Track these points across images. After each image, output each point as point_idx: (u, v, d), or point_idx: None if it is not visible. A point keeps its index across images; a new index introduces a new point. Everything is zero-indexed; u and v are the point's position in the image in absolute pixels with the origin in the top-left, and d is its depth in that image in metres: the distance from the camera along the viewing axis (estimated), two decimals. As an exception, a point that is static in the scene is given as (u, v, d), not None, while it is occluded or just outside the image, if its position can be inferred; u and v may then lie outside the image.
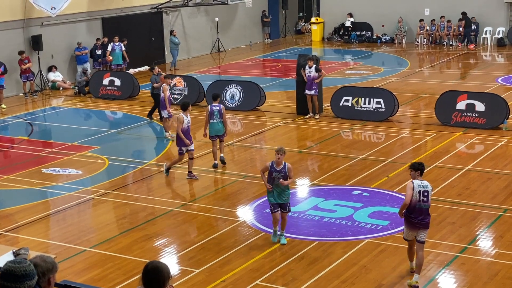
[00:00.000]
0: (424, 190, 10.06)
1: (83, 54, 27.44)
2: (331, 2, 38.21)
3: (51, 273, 4.98)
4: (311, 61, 20.12)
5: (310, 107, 20.48)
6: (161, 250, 12.00)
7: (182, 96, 23.05)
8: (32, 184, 15.57)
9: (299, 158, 17.06)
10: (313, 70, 20.07)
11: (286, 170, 11.55)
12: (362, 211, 13.30)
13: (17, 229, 13.06)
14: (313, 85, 20.12)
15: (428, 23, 35.03)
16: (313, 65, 20.09)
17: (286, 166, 11.58)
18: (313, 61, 20.16)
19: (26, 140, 19.55)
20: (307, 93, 20.26)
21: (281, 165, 11.57)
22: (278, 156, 11.53)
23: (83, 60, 27.42)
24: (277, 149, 11.66)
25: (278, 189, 11.63)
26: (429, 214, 10.28)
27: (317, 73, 20.09)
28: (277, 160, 11.57)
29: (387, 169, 15.78)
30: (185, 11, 33.14)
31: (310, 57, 20.60)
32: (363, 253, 11.45)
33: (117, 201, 14.42)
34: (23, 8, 25.80)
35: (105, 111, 23.24)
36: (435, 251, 11.42)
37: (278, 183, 11.55)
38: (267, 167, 11.73)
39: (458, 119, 19.16)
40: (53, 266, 5.01)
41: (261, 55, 34.71)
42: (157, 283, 5.42)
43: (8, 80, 25.39)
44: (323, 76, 20.43)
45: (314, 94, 20.27)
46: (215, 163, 16.38)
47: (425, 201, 10.09)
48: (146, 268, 5.50)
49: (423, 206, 10.09)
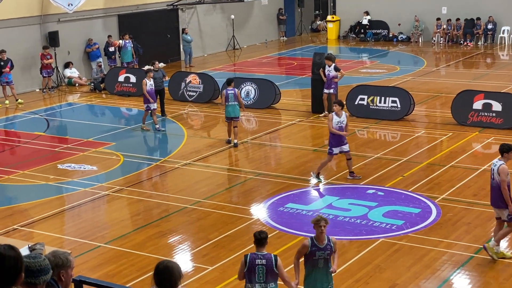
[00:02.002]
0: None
1: (93, 49, 27.56)
2: (347, 1, 38.08)
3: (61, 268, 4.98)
4: (329, 61, 20.08)
5: (326, 105, 20.44)
6: (175, 247, 12.02)
7: (197, 93, 23.08)
8: (48, 180, 15.64)
9: (314, 156, 17.02)
10: (332, 69, 20.02)
11: (332, 246, 8.64)
12: (376, 210, 13.24)
13: (32, 224, 13.13)
14: (332, 83, 20.08)
15: (445, 22, 34.84)
16: (332, 64, 20.05)
17: (330, 240, 8.63)
18: (332, 60, 20.13)
19: (42, 136, 19.65)
20: (326, 91, 20.23)
21: (325, 241, 8.63)
22: (322, 229, 8.51)
23: (95, 56, 27.55)
24: (318, 219, 8.57)
25: (322, 275, 8.64)
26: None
27: (336, 72, 20.04)
28: (319, 235, 8.58)
29: (402, 168, 15.71)
30: (201, 8, 33.17)
31: (328, 56, 20.55)
32: (377, 253, 11.41)
33: (132, 197, 14.47)
34: (40, 4, 25.93)
35: (120, 107, 23.31)
36: (450, 251, 11.35)
37: (322, 266, 8.58)
38: (306, 246, 8.59)
39: (474, 119, 19.03)
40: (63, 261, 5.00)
41: (276, 53, 34.66)
42: (169, 283, 5.42)
43: (27, 75, 25.55)
44: (342, 75, 20.36)
45: (333, 92, 20.23)
46: (229, 139, 17.93)
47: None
48: (158, 268, 5.51)
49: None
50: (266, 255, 8.20)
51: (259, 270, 8.12)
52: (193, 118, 21.77)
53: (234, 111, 17.55)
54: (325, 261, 8.55)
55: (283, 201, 13.89)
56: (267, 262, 8.13)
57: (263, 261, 8.13)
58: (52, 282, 4.84)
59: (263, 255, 8.19)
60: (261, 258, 8.15)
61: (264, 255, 8.19)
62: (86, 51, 27.76)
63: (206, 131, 19.98)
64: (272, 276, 8.19)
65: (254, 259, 8.16)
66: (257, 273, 8.13)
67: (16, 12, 25.14)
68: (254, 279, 8.15)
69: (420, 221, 12.66)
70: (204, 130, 20.22)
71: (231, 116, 17.62)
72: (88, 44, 27.69)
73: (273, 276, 8.20)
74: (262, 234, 8.27)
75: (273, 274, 8.18)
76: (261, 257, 8.16)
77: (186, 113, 22.06)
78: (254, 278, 8.16)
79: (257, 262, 8.13)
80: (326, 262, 8.57)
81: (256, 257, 8.18)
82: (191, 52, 30.83)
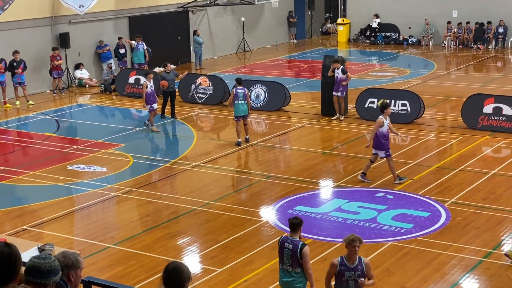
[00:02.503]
0: None
1: (104, 51, 27.66)
2: (357, 3, 38.04)
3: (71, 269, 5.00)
4: (337, 63, 20.09)
5: (337, 108, 20.45)
6: (184, 248, 12.03)
7: (207, 95, 23.10)
8: (58, 181, 15.70)
9: (323, 159, 17.00)
10: (340, 72, 20.03)
11: (364, 267, 8.26)
12: (385, 213, 13.22)
13: (41, 225, 13.18)
14: (340, 87, 20.08)
15: (456, 26, 34.74)
16: (340, 67, 20.06)
17: (362, 261, 8.28)
18: (339, 63, 20.13)
19: (52, 137, 19.72)
20: (334, 94, 20.26)
21: (356, 261, 8.25)
22: (356, 250, 8.16)
23: (106, 57, 27.65)
24: (352, 239, 8.18)
25: None
26: None
27: (344, 75, 20.03)
28: (351, 255, 8.22)
29: (412, 171, 15.67)
30: (211, 10, 33.21)
31: (336, 59, 20.54)
32: (386, 256, 11.39)
33: (141, 199, 14.50)
34: (51, 5, 26.04)
35: (130, 109, 23.37)
36: (459, 256, 11.31)
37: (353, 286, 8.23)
38: (335, 265, 8.27)
39: (484, 123, 18.97)
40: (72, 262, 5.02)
41: (286, 55, 34.66)
42: (177, 284, 5.43)
43: (37, 76, 25.66)
44: (349, 78, 20.35)
45: (341, 96, 20.24)
46: (238, 141, 17.88)
47: None
48: (167, 268, 5.52)
49: None
50: (295, 241, 8.57)
51: (285, 253, 8.57)
52: (202, 120, 21.80)
53: (244, 110, 17.69)
54: (356, 283, 8.19)
55: (292, 203, 13.89)
56: (293, 247, 8.49)
57: (289, 246, 8.53)
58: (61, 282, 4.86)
59: (292, 240, 8.59)
60: (290, 243, 8.56)
61: (293, 241, 8.57)
62: (97, 53, 27.86)
63: (215, 133, 20.00)
64: (297, 262, 8.52)
65: (283, 242, 8.64)
66: (284, 256, 8.61)
67: (27, 14, 25.26)
68: (283, 260, 8.67)
69: (430, 225, 12.62)
70: (214, 132, 20.24)
71: (241, 115, 17.74)
72: (99, 46, 27.80)
73: (298, 262, 8.52)
74: (295, 220, 8.68)
75: (297, 260, 8.52)
76: (290, 241, 8.58)
77: (195, 115, 22.09)
78: (282, 259, 8.67)
79: (285, 245, 8.58)
80: (357, 284, 8.21)
81: (286, 240, 8.64)
82: (201, 54, 30.89)
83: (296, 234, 8.63)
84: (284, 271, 8.69)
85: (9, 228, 12.96)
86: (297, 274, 8.57)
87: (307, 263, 8.51)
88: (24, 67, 23.86)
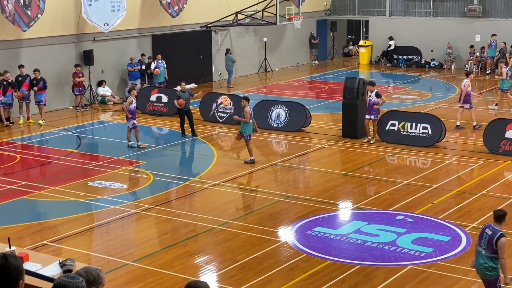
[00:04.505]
0: None
1: (135, 70, 27.83)
2: (380, 26, 38.10)
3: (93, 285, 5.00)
4: (371, 86, 20.09)
5: (369, 131, 20.39)
6: (202, 267, 12.03)
7: (228, 114, 23.18)
8: (78, 196, 15.79)
9: (343, 181, 16.96)
10: (373, 95, 19.99)
11: None
12: (405, 236, 13.13)
13: (61, 240, 13.24)
14: (372, 110, 20.03)
15: (478, 50, 34.63)
16: (374, 90, 20.04)
17: None
18: (373, 86, 20.13)
19: (74, 153, 19.87)
20: (367, 117, 20.20)
21: None
22: None
23: (135, 76, 27.83)
24: None
25: None
26: None
27: (378, 98, 19.97)
28: None
29: (432, 195, 15.58)
30: (234, 30, 33.42)
31: (370, 82, 20.55)
32: (405, 280, 11.30)
33: (160, 216, 14.53)
34: (76, 23, 26.35)
35: (152, 127, 23.50)
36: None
37: None
38: None
39: (507, 148, 18.83)
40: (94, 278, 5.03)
41: (307, 76, 34.73)
42: None
43: (60, 93, 25.91)
44: (384, 102, 20.23)
45: (374, 119, 20.16)
46: (252, 159, 18.21)
47: None
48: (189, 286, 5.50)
49: None
50: (495, 229, 9.52)
51: (484, 237, 9.56)
52: (223, 139, 21.86)
53: (254, 129, 18.45)
54: None
55: (311, 224, 13.85)
56: (492, 235, 9.45)
57: (489, 232, 9.52)
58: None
59: (494, 228, 9.55)
60: (490, 229, 9.54)
61: (494, 228, 9.54)
62: (128, 70, 27.94)
63: (235, 152, 20.04)
64: (491, 248, 9.47)
65: (485, 228, 9.64)
66: (483, 239, 9.58)
67: (52, 31, 25.57)
68: (480, 243, 9.65)
69: (450, 249, 12.52)
70: (234, 151, 20.28)
71: (252, 133, 18.26)
72: (130, 63, 27.93)
73: (492, 249, 9.46)
74: (499, 212, 9.67)
75: (491, 247, 9.46)
76: (491, 228, 9.55)
77: (216, 134, 22.16)
78: (480, 242, 9.66)
79: (486, 231, 9.58)
80: None
81: (488, 227, 9.65)
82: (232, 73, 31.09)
83: (499, 224, 9.57)
84: (478, 253, 9.67)
85: (29, 242, 13.03)
86: (488, 258, 9.53)
87: (502, 254, 9.47)
88: (43, 86, 23.85)
